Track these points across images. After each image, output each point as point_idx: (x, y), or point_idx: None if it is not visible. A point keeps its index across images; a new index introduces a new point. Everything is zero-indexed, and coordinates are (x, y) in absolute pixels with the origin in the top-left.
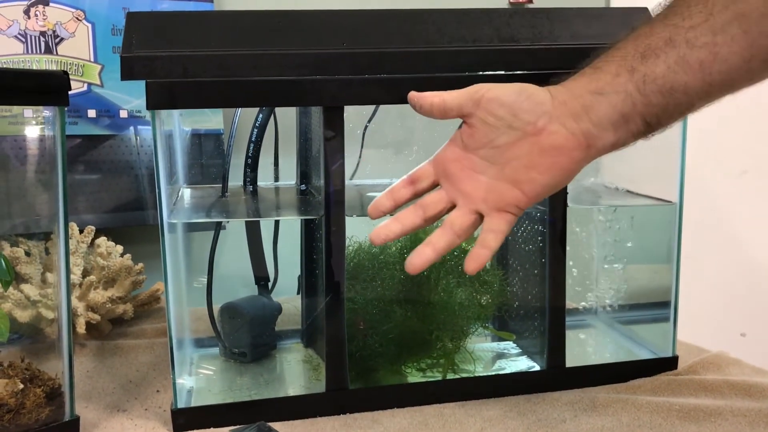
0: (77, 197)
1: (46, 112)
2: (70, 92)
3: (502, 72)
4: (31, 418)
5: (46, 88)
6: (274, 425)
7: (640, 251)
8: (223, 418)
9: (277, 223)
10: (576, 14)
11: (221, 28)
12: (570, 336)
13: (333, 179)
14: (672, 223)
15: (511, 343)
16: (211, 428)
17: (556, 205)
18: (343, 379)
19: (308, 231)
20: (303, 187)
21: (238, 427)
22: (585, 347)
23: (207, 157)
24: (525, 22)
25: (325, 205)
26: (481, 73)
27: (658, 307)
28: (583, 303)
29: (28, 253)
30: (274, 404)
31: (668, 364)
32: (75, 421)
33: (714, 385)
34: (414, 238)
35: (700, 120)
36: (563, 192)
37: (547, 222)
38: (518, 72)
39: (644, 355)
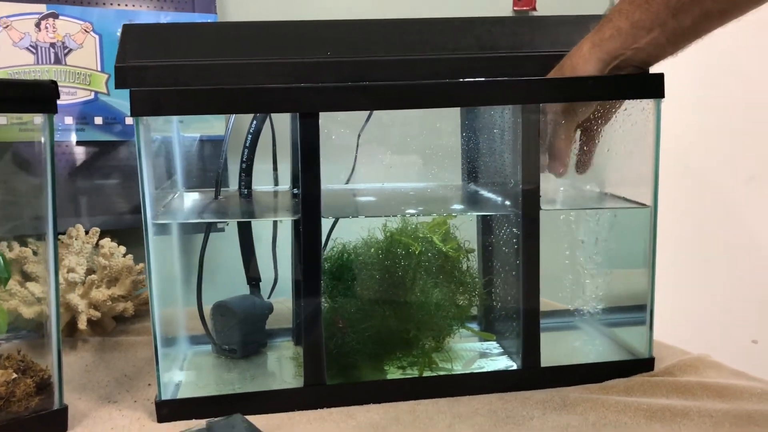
0: (83, 200)
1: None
2: (78, 100)
3: (482, 79)
4: (21, 406)
5: (35, 97)
6: (252, 418)
7: (623, 254)
8: (205, 410)
9: (275, 224)
10: (559, 22)
11: (210, 38)
12: (552, 336)
13: (307, 183)
14: (647, 226)
15: (494, 343)
16: (193, 419)
17: (529, 207)
18: (321, 375)
19: (297, 232)
20: (296, 191)
21: (215, 418)
22: (566, 348)
23: (206, 162)
24: (506, 31)
25: (301, 206)
26: (461, 80)
27: (641, 309)
28: (568, 305)
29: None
30: (254, 398)
31: (644, 365)
32: (63, 410)
33: (687, 387)
34: (391, 240)
35: (709, 125)
36: (536, 194)
37: (521, 224)
38: (498, 79)
39: (624, 356)
